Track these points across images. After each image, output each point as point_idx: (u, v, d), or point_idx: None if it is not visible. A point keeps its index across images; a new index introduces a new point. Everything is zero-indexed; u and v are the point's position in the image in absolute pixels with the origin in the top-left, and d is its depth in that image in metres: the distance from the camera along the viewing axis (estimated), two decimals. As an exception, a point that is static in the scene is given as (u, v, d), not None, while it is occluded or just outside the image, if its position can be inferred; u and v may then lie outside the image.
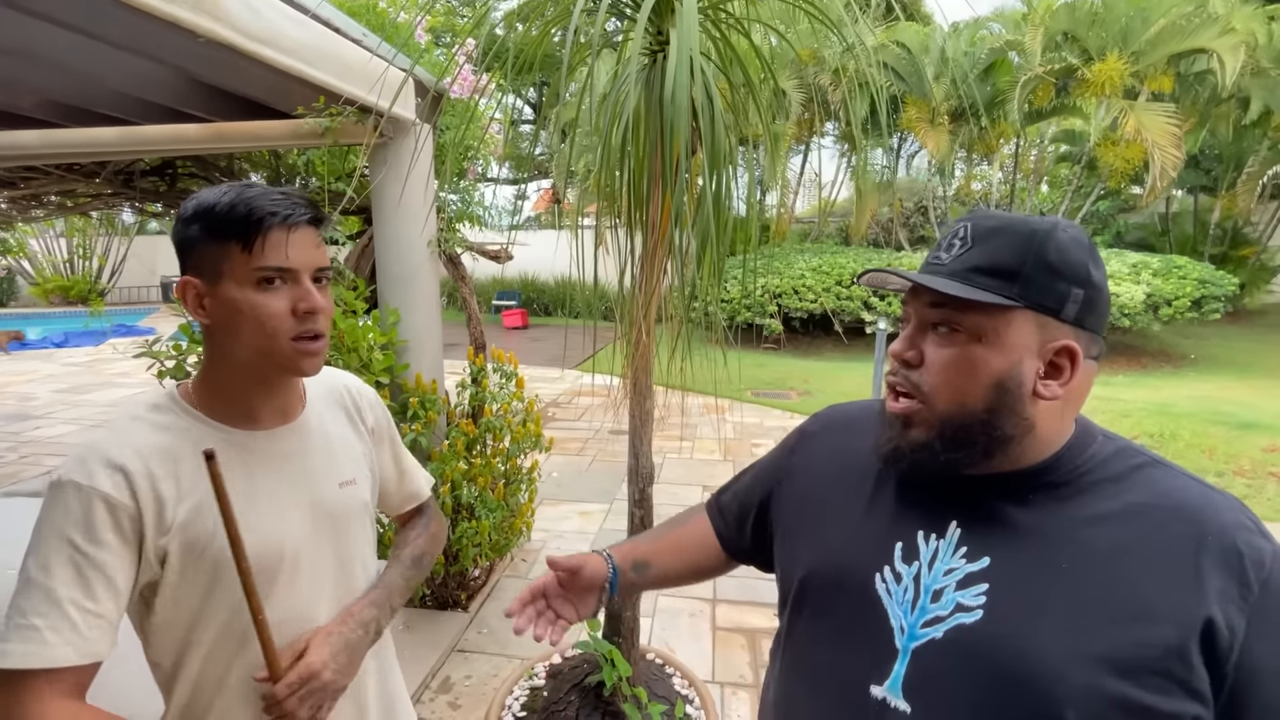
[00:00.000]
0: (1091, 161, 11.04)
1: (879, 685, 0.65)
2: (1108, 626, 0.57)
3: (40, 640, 0.69)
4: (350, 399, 1.00)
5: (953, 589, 0.64)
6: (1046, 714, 0.56)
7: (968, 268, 0.64)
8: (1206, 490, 0.62)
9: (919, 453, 0.67)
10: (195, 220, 0.79)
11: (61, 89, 2.55)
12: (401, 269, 2.76)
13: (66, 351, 10.30)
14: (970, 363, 0.63)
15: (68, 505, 0.73)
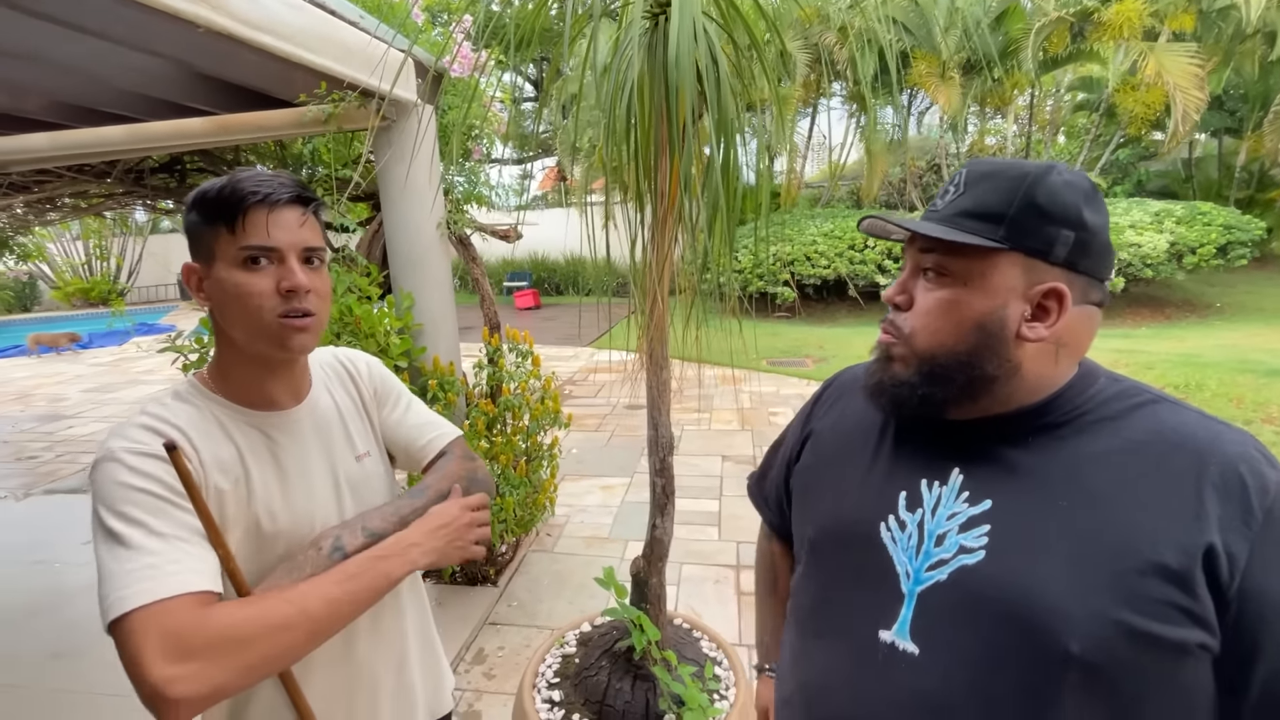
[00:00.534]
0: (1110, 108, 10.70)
1: (887, 630, 0.67)
2: (1108, 559, 0.57)
3: (161, 572, 0.68)
4: (346, 371, 1.01)
5: (955, 532, 0.65)
6: (1050, 647, 0.57)
7: (957, 212, 0.66)
8: (1212, 423, 0.61)
9: (899, 388, 0.69)
10: (194, 207, 0.81)
11: (67, 89, 2.56)
12: (412, 252, 2.77)
13: (91, 352, 10.52)
14: (953, 305, 0.65)
15: (125, 467, 0.73)
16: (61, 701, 2.25)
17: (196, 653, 0.65)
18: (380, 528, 0.85)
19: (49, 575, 3.14)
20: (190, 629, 0.66)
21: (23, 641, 2.61)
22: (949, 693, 0.62)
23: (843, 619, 0.73)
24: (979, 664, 0.61)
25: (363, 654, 0.93)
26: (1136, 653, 0.55)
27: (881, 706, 0.66)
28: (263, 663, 0.70)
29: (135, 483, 0.73)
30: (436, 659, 1.08)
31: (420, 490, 0.93)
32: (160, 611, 0.66)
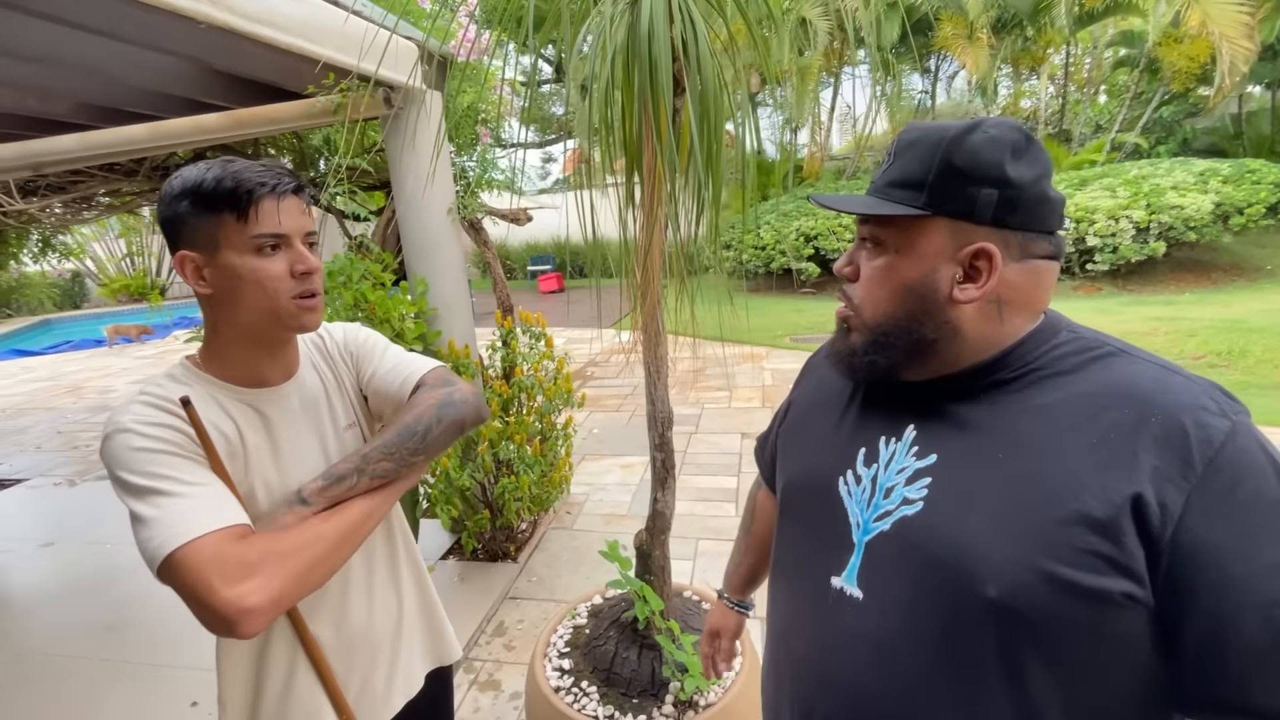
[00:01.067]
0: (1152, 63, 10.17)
1: (838, 576, 0.71)
2: (1034, 509, 0.58)
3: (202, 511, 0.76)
4: (325, 345, 1.04)
5: (902, 485, 0.68)
6: (971, 591, 0.59)
7: (886, 183, 0.68)
8: (1168, 375, 0.60)
9: (855, 356, 0.72)
10: (184, 197, 0.83)
11: (91, 91, 2.66)
12: (424, 238, 2.82)
13: (136, 346, 10.96)
14: (887, 273, 0.68)
15: (139, 434, 0.79)
16: (112, 671, 2.40)
17: (252, 570, 0.75)
18: (342, 470, 0.88)
19: (102, 555, 3.34)
20: (239, 554, 0.75)
21: (79, 615, 2.79)
22: (886, 634, 0.65)
23: (804, 567, 0.77)
24: (911, 608, 0.64)
25: (361, 611, 0.99)
26: (1057, 600, 0.56)
27: (831, 648, 0.71)
28: (307, 569, 0.80)
29: (153, 445, 0.79)
30: (435, 614, 1.14)
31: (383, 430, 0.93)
32: (206, 544, 0.74)
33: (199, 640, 1.00)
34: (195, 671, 2.34)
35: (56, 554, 3.43)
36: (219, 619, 0.73)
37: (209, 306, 0.89)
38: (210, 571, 0.73)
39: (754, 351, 6.82)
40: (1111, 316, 7.17)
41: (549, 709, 1.63)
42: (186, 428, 0.82)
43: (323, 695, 0.95)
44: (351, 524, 0.86)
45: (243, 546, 0.76)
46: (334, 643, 0.97)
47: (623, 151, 1.35)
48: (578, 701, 1.64)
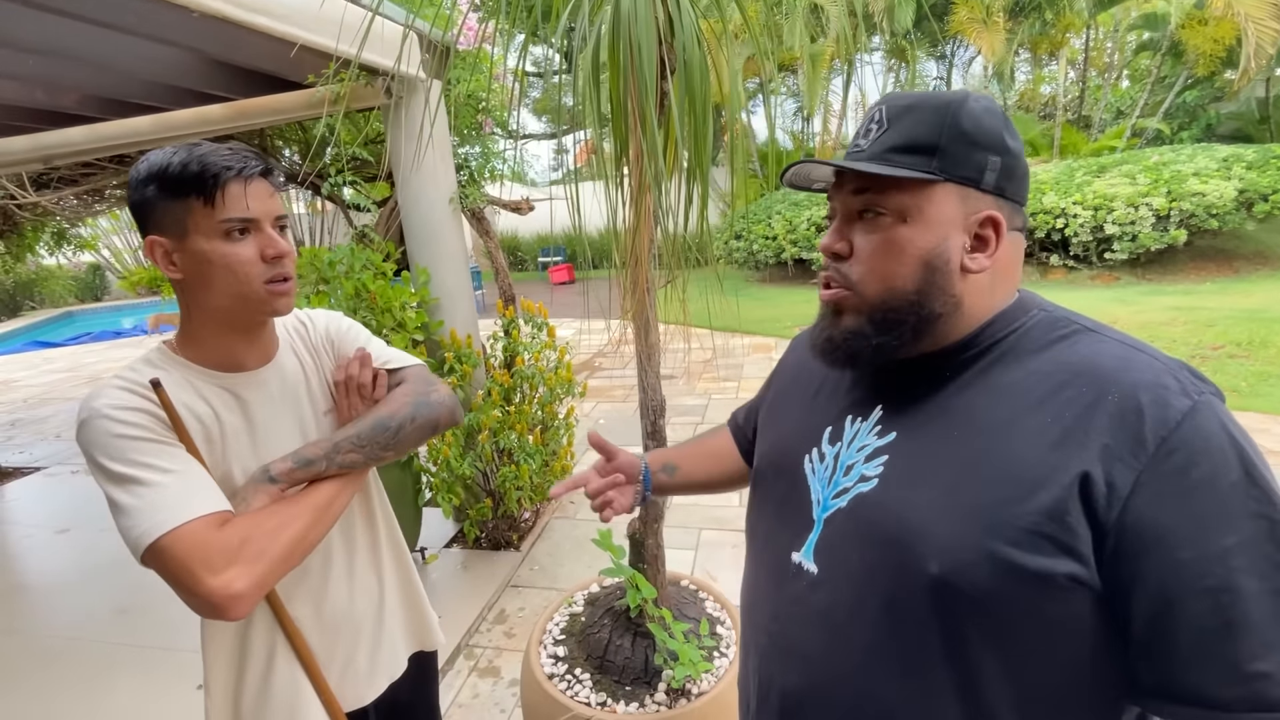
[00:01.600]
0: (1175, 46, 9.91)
1: (797, 551, 0.71)
2: (981, 487, 0.58)
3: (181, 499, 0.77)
4: (306, 330, 1.05)
5: (861, 463, 0.67)
6: (914, 568, 0.59)
7: (886, 148, 0.64)
8: (1131, 354, 0.58)
9: (851, 340, 0.67)
10: (150, 181, 0.83)
11: (98, 84, 2.69)
12: (426, 228, 2.82)
13: (155, 338, 11.15)
14: (897, 244, 0.63)
15: (114, 420, 0.80)
16: (124, 654, 2.46)
17: (235, 556, 0.77)
18: (311, 454, 0.89)
19: (115, 541, 3.31)
20: (221, 541, 0.77)
21: (94, 599, 2.86)
22: (838, 609, 0.66)
23: (768, 542, 0.78)
24: (861, 583, 0.64)
25: (342, 592, 1.00)
26: (998, 579, 0.55)
27: (790, 620, 0.71)
28: (288, 550, 0.83)
29: (129, 432, 0.80)
30: (417, 598, 1.15)
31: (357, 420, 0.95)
32: (189, 532, 0.76)
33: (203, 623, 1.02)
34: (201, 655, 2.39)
35: (72, 540, 3.51)
36: (207, 605, 0.77)
37: (181, 291, 0.90)
38: (195, 560, 0.75)
39: (763, 342, 6.78)
40: (1129, 306, 7.04)
41: (543, 696, 1.64)
42: (159, 411, 0.83)
43: (304, 675, 0.96)
44: (320, 504, 0.89)
45: (224, 533, 0.78)
46: (315, 623, 0.98)
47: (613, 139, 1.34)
48: (571, 688, 1.65)
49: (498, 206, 3.08)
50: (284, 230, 0.91)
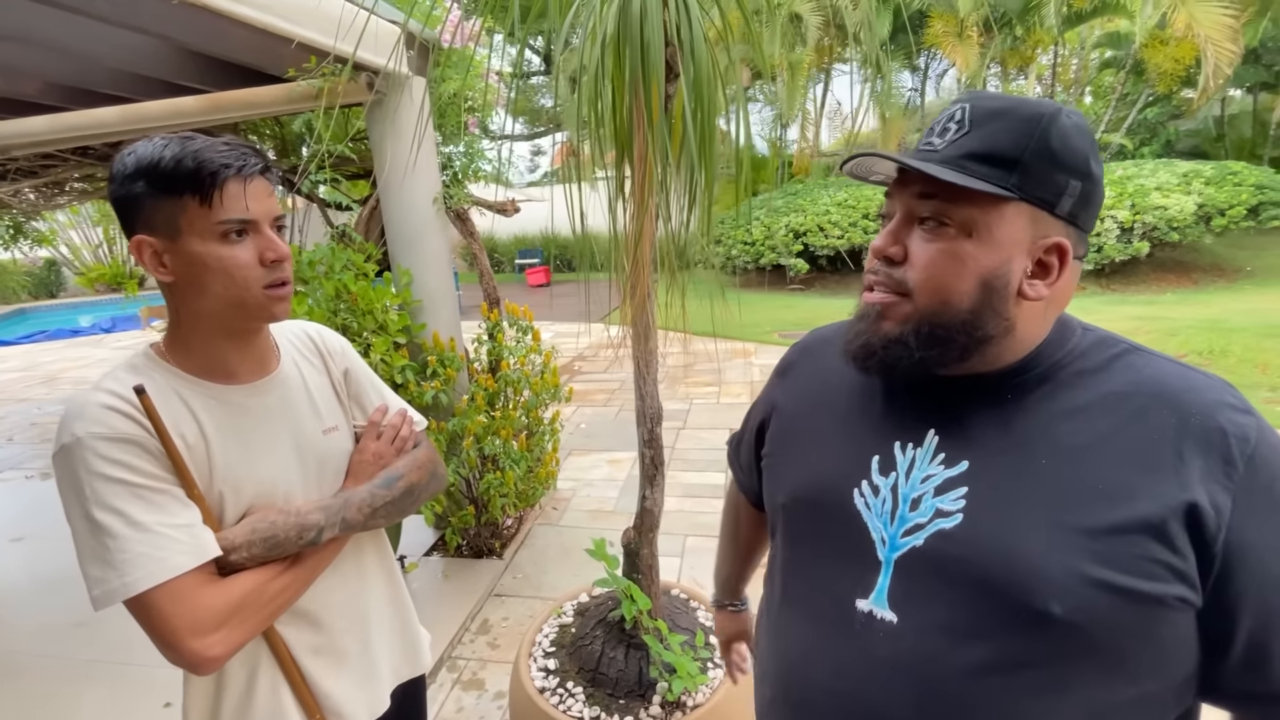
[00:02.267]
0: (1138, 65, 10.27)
1: (864, 599, 0.64)
2: (1087, 517, 0.55)
3: (153, 560, 0.73)
4: (316, 347, 1.02)
5: (931, 495, 0.62)
6: (1031, 609, 0.55)
7: (962, 154, 0.59)
8: (1187, 372, 0.59)
9: (891, 348, 0.63)
10: (139, 177, 0.77)
11: (62, 71, 2.57)
12: (408, 228, 2.75)
13: (115, 336, 10.75)
14: (958, 259, 0.59)
15: (96, 455, 0.74)
16: (84, 669, 2.33)
17: (220, 623, 0.77)
18: (355, 519, 0.91)
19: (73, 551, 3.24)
20: (209, 605, 0.76)
21: (50, 612, 2.71)
22: (930, 660, 0.60)
23: (819, 588, 0.70)
24: (956, 629, 0.59)
25: (330, 621, 0.95)
26: (1116, 610, 0.53)
27: (861, 678, 0.64)
28: (269, 617, 0.84)
29: (113, 473, 0.75)
30: (407, 626, 1.09)
31: (391, 481, 0.96)
32: (176, 591, 0.74)
33: None
34: (169, 671, 2.26)
35: (26, 549, 3.34)
36: (181, 662, 0.76)
37: (170, 294, 0.84)
38: (180, 621, 0.74)
39: (743, 347, 6.81)
40: (1095, 316, 7.22)
41: (534, 710, 1.59)
42: (147, 435, 0.78)
43: (287, 696, 0.90)
44: (323, 563, 0.90)
45: (213, 595, 0.77)
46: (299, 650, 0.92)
47: (613, 140, 1.31)
48: (563, 702, 1.61)
49: (482, 207, 3.02)
50: (281, 231, 0.86)
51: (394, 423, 1.03)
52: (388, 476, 0.96)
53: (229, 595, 0.78)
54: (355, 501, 0.91)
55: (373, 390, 1.06)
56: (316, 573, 0.89)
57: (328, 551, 0.90)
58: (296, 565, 0.86)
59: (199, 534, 0.78)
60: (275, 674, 0.90)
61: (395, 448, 1.01)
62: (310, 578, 0.88)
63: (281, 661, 0.90)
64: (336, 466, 0.96)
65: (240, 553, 0.81)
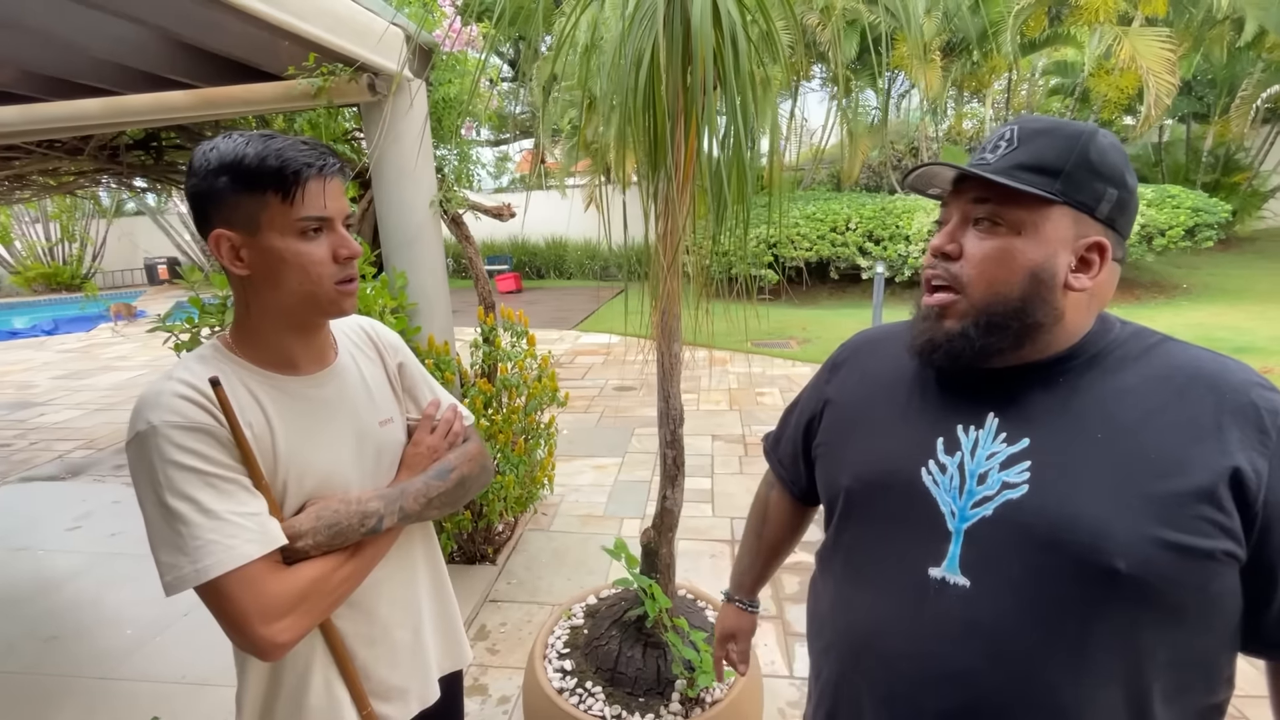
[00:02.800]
0: (1084, 93, 10.86)
1: (936, 567, 0.70)
2: (1145, 482, 0.62)
3: (223, 547, 0.75)
4: (373, 342, 1.05)
5: (996, 470, 0.69)
6: (1099, 566, 0.62)
7: (1013, 165, 0.68)
8: (1219, 357, 0.68)
9: (954, 341, 0.71)
10: (223, 172, 0.79)
11: (41, 60, 2.46)
12: (404, 231, 2.73)
13: (59, 339, 10.19)
14: (1009, 254, 0.68)
15: (172, 444, 0.76)
16: (58, 685, 2.22)
17: (289, 610, 0.79)
18: (412, 509, 0.93)
19: (32, 562, 3.08)
20: (278, 592, 0.79)
21: (14, 627, 2.57)
22: (1002, 619, 0.66)
23: (889, 562, 0.75)
24: (1030, 590, 0.65)
25: (383, 613, 0.97)
26: (1175, 566, 0.60)
27: (937, 640, 0.69)
28: (332, 605, 0.86)
29: (187, 461, 0.77)
30: (451, 620, 1.12)
31: (445, 472, 0.99)
32: (248, 577, 0.77)
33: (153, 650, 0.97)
34: (152, 684, 2.19)
35: (-18, 562, 3.15)
36: (250, 648, 0.79)
37: (242, 287, 0.86)
38: (251, 607, 0.76)
39: (719, 355, 6.90)
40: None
41: (553, 710, 1.60)
42: (219, 426, 0.79)
43: (341, 690, 0.92)
44: (380, 553, 0.92)
45: (282, 583, 0.79)
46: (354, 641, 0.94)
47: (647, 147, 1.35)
48: (583, 702, 1.61)
49: (478, 212, 3.01)
50: (350, 229, 0.89)
51: (447, 417, 1.06)
52: (441, 468, 0.99)
53: (296, 583, 0.80)
54: (412, 491, 0.94)
55: (425, 385, 1.09)
56: (375, 562, 0.91)
57: (384, 542, 0.92)
58: (357, 555, 0.88)
59: (266, 523, 0.80)
60: (330, 666, 0.92)
61: (448, 442, 1.03)
62: (369, 567, 0.90)
63: (336, 653, 0.91)
64: (391, 458, 0.98)
65: (306, 540, 0.83)
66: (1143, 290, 9.45)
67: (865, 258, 9.82)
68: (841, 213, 10.02)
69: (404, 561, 1.00)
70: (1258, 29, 9.31)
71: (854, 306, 9.54)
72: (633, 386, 5.92)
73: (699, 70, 1.15)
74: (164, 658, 2.31)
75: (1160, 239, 8.64)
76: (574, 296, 11.78)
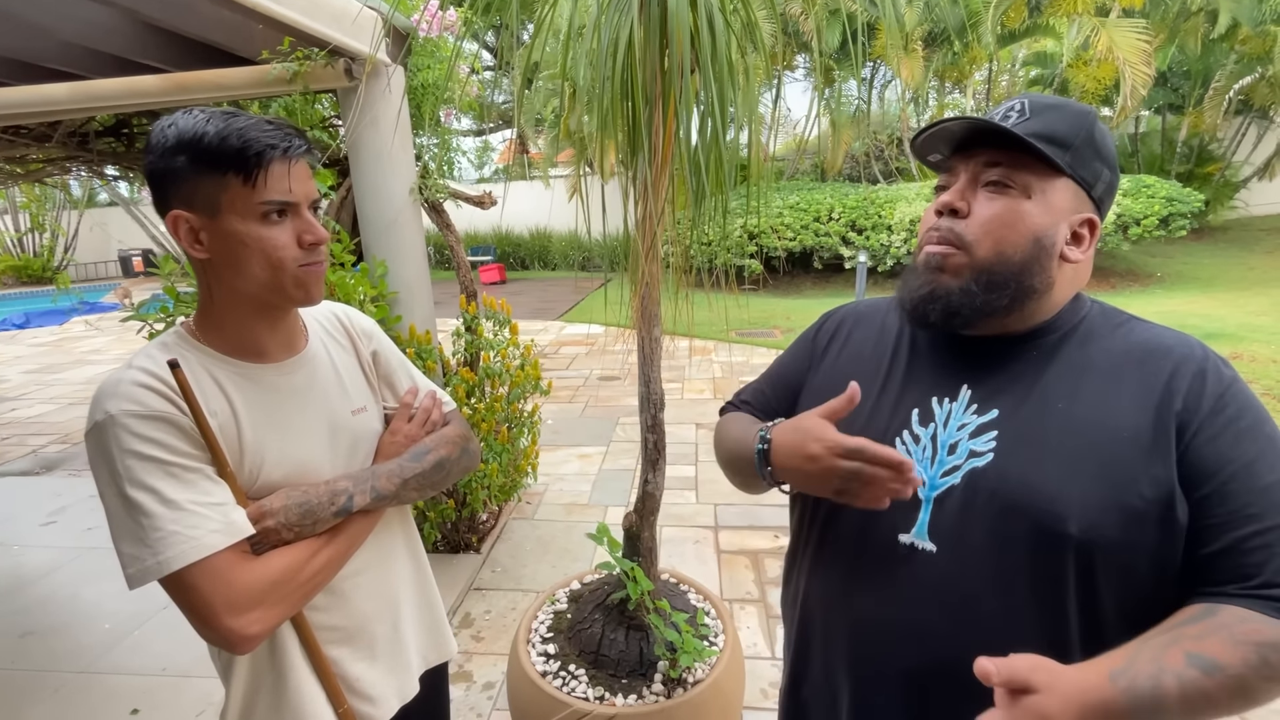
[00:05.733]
0: (1063, 84, 10.99)
1: (906, 533, 0.73)
2: (1099, 449, 0.65)
3: (186, 539, 0.73)
4: (345, 329, 1.02)
5: (966, 440, 0.72)
6: (1052, 529, 0.65)
7: (1029, 133, 0.68)
8: (1182, 335, 0.72)
9: (954, 296, 0.71)
10: (181, 151, 0.76)
11: (4, 43, 2.40)
12: (383, 219, 2.70)
13: (30, 332, 9.96)
14: (1018, 216, 0.69)
15: (130, 434, 0.73)
16: (35, 681, 2.19)
17: (258, 601, 0.77)
18: (385, 489, 0.91)
19: (6, 557, 3.02)
20: (247, 582, 0.76)
21: (-13, 624, 2.53)
22: (966, 580, 0.69)
23: (862, 529, 0.78)
24: (989, 553, 0.68)
25: (360, 606, 0.95)
26: (1127, 526, 0.63)
27: (904, 604, 0.72)
28: (306, 596, 0.83)
29: (144, 450, 0.74)
30: (434, 612, 1.10)
31: (420, 454, 0.96)
32: (214, 568, 0.74)
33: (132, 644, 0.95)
34: (131, 677, 2.17)
35: (-47, 558, 3.09)
36: (219, 641, 0.76)
37: (203, 271, 0.83)
38: (216, 599, 0.74)
39: (702, 345, 6.93)
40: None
41: (536, 693, 1.61)
42: (180, 414, 0.77)
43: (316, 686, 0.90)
44: (355, 539, 0.89)
45: (251, 573, 0.77)
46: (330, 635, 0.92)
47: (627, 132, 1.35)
48: (566, 685, 1.63)
49: (459, 200, 2.99)
50: (317, 213, 0.86)
51: (425, 405, 1.03)
52: (417, 450, 0.96)
53: (266, 573, 0.78)
54: (384, 472, 0.91)
55: (403, 372, 1.06)
56: (350, 550, 0.89)
57: (360, 529, 0.89)
58: (330, 543, 0.85)
59: (230, 513, 0.78)
60: (305, 663, 0.89)
61: (426, 430, 1.01)
62: (344, 556, 0.88)
63: (310, 649, 0.89)
64: (367, 447, 0.96)
65: (276, 518, 0.81)
66: (1118, 279, 9.62)
67: (848, 247, 9.88)
68: (825, 203, 10.07)
69: (383, 552, 0.98)
70: (1231, 21, 9.48)
71: (837, 296, 9.60)
72: (617, 376, 5.93)
73: (676, 52, 1.15)
74: (144, 651, 2.29)
75: (1135, 228, 8.80)
76: (558, 287, 11.74)
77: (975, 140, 0.72)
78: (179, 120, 0.78)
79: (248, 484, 0.83)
